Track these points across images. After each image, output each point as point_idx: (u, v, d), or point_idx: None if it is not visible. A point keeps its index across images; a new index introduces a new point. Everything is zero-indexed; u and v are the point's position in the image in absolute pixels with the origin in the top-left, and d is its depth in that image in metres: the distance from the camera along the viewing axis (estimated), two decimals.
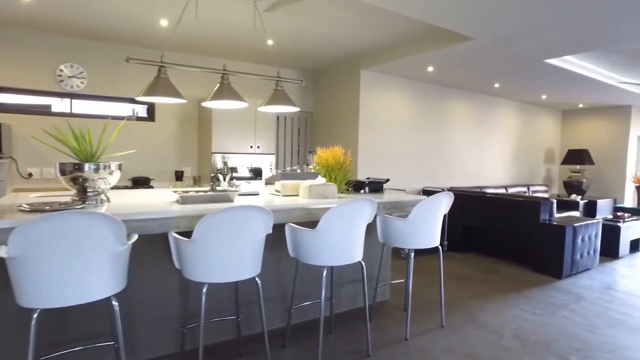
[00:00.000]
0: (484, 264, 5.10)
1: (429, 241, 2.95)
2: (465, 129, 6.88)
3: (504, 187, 7.02)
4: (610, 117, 8.20)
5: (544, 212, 4.76)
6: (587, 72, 5.42)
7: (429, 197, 2.85)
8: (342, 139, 5.79)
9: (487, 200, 5.40)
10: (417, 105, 6.16)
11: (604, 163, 8.23)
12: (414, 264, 4.90)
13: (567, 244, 4.51)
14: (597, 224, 4.95)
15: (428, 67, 5.21)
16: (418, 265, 5.00)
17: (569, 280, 4.50)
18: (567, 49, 4.26)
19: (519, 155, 7.97)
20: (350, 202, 2.39)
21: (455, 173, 6.74)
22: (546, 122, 8.59)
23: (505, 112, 7.58)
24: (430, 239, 2.95)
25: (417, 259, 5.25)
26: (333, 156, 3.45)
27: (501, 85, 6.28)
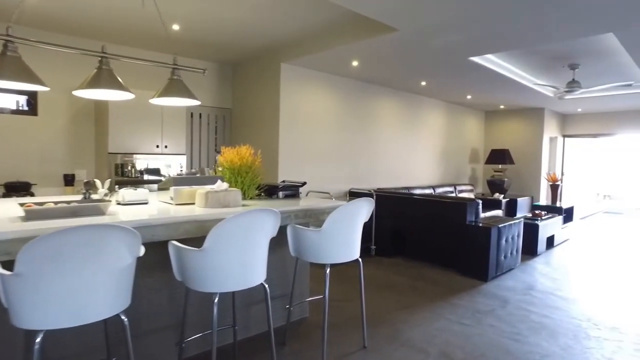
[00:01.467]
0: (412, 269, 4.90)
1: (347, 254, 2.59)
2: (393, 128, 6.72)
3: (432, 187, 6.97)
4: (527, 119, 8.52)
5: (470, 213, 4.65)
6: (507, 73, 5.44)
7: (345, 205, 2.49)
8: (263, 138, 5.33)
9: (414, 201, 5.23)
10: (344, 103, 5.87)
11: (523, 162, 8.55)
12: (336, 273, 4.63)
13: (492, 245, 4.42)
14: (519, 224, 4.94)
15: (352, 62, 4.92)
16: (343, 274, 4.67)
17: (494, 283, 4.41)
18: (489, 45, 4.15)
19: (446, 155, 8.01)
20: (244, 215, 1.94)
21: (383, 174, 6.56)
22: (471, 122, 8.76)
23: (432, 112, 7.56)
24: (348, 251, 2.59)
25: (342, 267, 4.92)
26: (240, 156, 2.99)
27: (428, 84, 6.18)
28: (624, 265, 5.32)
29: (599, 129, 8.82)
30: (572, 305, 3.81)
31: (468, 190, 7.86)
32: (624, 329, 3.32)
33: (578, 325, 3.34)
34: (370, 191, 5.58)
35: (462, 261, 4.65)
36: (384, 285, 4.31)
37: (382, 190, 5.91)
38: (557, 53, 4.86)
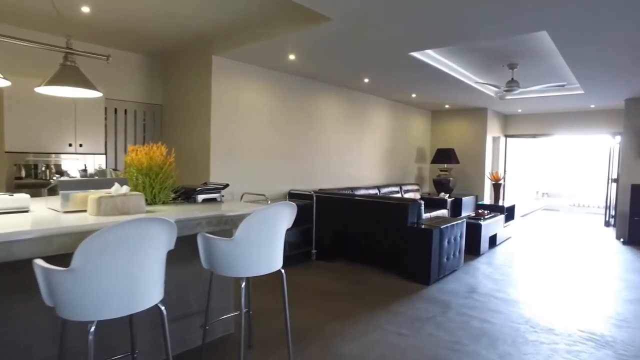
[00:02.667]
0: (354, 274, 4.68)
1: (266, 265, 2.29)
2: (337, 127, 6.49)
3: (377, 188, 6.81)
4: (471, 119, 8.61)
5: (412, 214, 4.49)
6: (449, 70, 5.36)
7: (259, 210, 2.18)
8: (195, 136, 4.92)
9: (356, 203, 5.01)
10: (284, 100, 5.56)
11: (468, 162, 8.62)
12: (272, 280, 4.21)
13: (434, 248, 4.27)
14: (461, 224, 4.85)
15: (289, 55, 4.62)
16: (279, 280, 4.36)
17: (436, 286, 4.26)
18: (427, 40, 4.00)
19: (392, 155, 7.90)
20: (125, 225, 1.58)
21: (327, 174, 6.31)
22: (417, 121, 8.73)
23: (377, 110, 7.42)
24: (267, 262, 2.28)
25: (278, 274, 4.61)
26: (149, 156, 2.60)
27: (371, 81, 6.00)
28: (559, 261, 5.39)
29: (538, 129, 9.08)
30: (512, 307, 3.72)
31: (414, 190, 7.79)
32: (558, 329, 3.25)
33: (517, 330, 3.23)
34: (310, 192, 5.30)
35: (405, 265, 4.48)
36: (322, 292, 4.04)
37: (324, 191, 5.66)
38: (497, 52, 4.81)
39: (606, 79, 5.44)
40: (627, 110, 7.08)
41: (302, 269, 4.87)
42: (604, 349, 2.96)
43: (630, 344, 3.04)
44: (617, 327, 3.35)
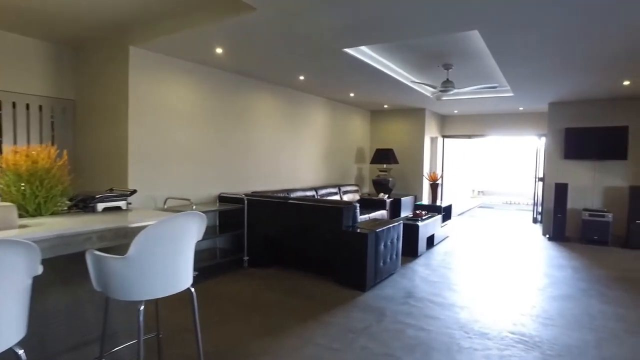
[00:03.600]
0: (287, 282, 4.43)
1: (170, 285, 1.97)
2: (272, 126, 6.21)
3: (314, 189, 6.62)
4: (409, 119, 8.68)
5: (347, 218, 4.32)
6: (385, 69, 5.26)
7: (158, 222, 1.86)
8: (112, 136, 4.42)
9: (290, 206, 4.77)
10: (213, 97, 5.19)
11: (407, 162, 8.68)
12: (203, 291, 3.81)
13: (369, 252, 4.12)
14: (398, 226, 4.76)
15: (216, 49, 4.28)
16: (210, 291, 4.02)
17: (373, 292, 4.12)
18: (359, 36, 3.83)
19: (331, 155, 7.74)
20: None
21: (261, 175, 6.00)
22: (357, 121, 8.65)
23: (315, 110, 7.22)
24: (171, 281, 1.96)
25: (209, 284, 4.27)
26: (31, 159, 2.18)
27: (307, 79, 5.78)
28: (491, 259, 5.49)
29: (473, 130, 9.35)
30: (447, 311, 3.65)
31: (353, 191, 7.70)
32: (491, 333, 3.21)
33: (452, 337, 3.14)
34: (241, 195, 4.99)
35: (340, 270, 4.30)
36: (251, 304, 3.75)
37: (257, 193, 5.36)
38: (432, 52, 4.77)
39: (533, 81, 5.61)
40: (550, 114, 7.43)
41: (232, 277, 4.55)
42: (532, 350, 2.94)
43: (554, 343, 3.06)
44: (544, 326, 3.37)
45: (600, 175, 7.10)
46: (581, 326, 3.38)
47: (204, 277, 4.49)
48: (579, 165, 7.23)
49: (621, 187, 6.94)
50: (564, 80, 5.52)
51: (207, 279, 4.46)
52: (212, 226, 5.17)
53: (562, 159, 7.32)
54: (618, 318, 3.58)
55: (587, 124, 7.09)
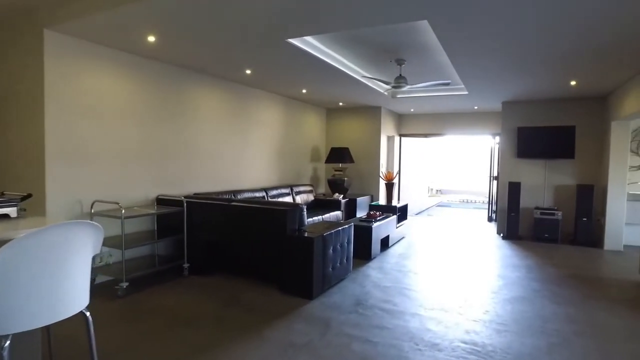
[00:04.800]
0: (229, 290, 4.07)
1: (52, 311, 1.59)
2: (218, 123, 5.80)
3: (264, 190, 6.27)
4: (365, 117, 8.49)
5: (292, 221, 4.01)
6: (335, 63, 5.00)
7: (25, 236, 1.48)
8: (25, 132, 3.90)
9: (232, 209, 4.40)
10: (150, 91, 4.73)
11: (363, 161, 8.48)
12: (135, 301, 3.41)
13: (316, 258, 3.83)
14: (349, 229, 4.50)
15: (147, 36, 3.85)
16: (141, 303, 3.60)
17: (320, 300, 3.83)
18: (302, 24, 3.53)
19: (284, 154, 7.41)
20: None
21: (205, 176, 5.58)
22: (312, 119, 8.36)
23: (267, 107, 6.87)
24: (53, 307, 1.58)
25: (148, 292, 3.85)
26: None
27: (254, 73, 5.42)
28: (445, 260, 5.35)
29: (429, 129, 9.29)
30: (397, 320, 3.42)
31: (307, 191, 7.40)
32: (442, 343, 2.99)
33: (400, 349, 2.89)
34: (180, 198, 4.58)
35: (285, 278, 3.98)
36: (184, 318, 3.37)
37: (199, 195, 4.96)
38: (384, 46, 4.55)
39: (485, 78, 5.53)
40: (503, 113, 7.45)
41: (170, 287, 4.14)
42: None
43: (508, 352, 2.88)
44: (497, 332, 3.20)
45: (551, 174, 7.17)
46: (534, 331, 3.24)
47: (138, 287, 4.06)
48: (531, 164, 7.28)
49: (569, 186, 7.03)
50: (516, 79, 5.46)
51: (140, 289, 4.03)
52: (150, 231, 4.73)
53: (515, 157, 7.34)
54: (569, 319, 3.49)
55: (538, 124, 7.15)
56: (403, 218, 7.14)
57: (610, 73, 5.08)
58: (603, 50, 4.08)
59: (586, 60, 4.51)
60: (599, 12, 3.09)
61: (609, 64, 4.66)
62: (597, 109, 6.83)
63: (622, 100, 5.74)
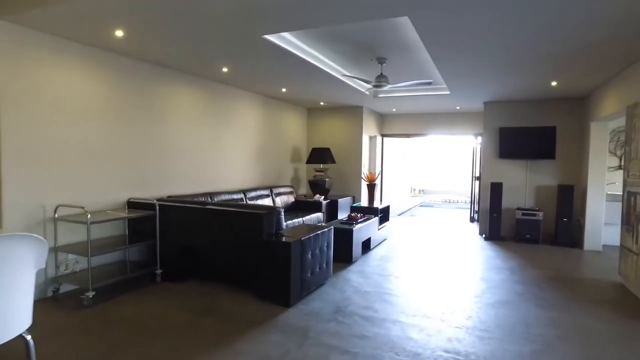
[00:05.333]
0: (204, 298, 3.88)
1: None
2: (194, 123, 5.59)
3: (243, 192, 6.08)
4: (347, 117, 8.36)
5: (268, 225, 3.85)
6: (315, 61, 4.85)
7: None
8: None
9: (207, 212, 4.21)
10: (119, 88, 4.50)
11: (345, 162, 8.36)
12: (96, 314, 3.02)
13: (294, 263, 3.68)
14: (328, 232, 4.35)
15: (114, 31, 3.63)
16: (109, 313, 3.38)
17: (298, 308, 3.68)
18: (278, 20, 3.37)
19: (264, 155, 7.22)
20: None
21: (180, 177, 5.36)
22: (292, 119, 8.19)
23: (245, 106, 6.67)
24: None
25: (117, 301, 3.63)
26: None
27: (231, 71, 5.23)
28: (427, 262, 5.26)
29: (412, 129, 9.22)
30: (378, 328, 3.28)
31: (288, 193, 7.23)
32: (424, 352, 2.87)
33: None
34: (152, 201, 4.36)
35: (262, 284, 3.82)
36: (153, 329, 3.17)
37: (173, 198, 4.75)
38: (365, 44, 4.43)
39: (467, 77, 5.46)
40: (485, 113, 7.42)
41: (140, 295, 3.93)
42: None
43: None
44: (480, 339, 3.10)
45: (532, 174, 7.17)
46: (517, 337, 3.15)
47: (106, 296, 3.84)
48: (513, 164, 7.26)
49: (550, 186, 7.04)
50: (498, 79, 5.41)
51: (108, 298, 3.81)
52: (121, 236, 4.50)
53: (497, 158, 7.32)
54: (552, 323, 3.41)
55: (519, 124, 7.14)
56: (385, 219, 7.04)
57: (589, 74, 5.06)
58: (583, 51, 4.03)
59: (567, 61, 4.47)
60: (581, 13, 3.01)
61: (589, 65, 4.63)
62: (577, 110, 6.85)
63: (600, 101, 5.75)
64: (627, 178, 4.53)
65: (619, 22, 3.26)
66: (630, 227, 4.38)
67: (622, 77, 4.89)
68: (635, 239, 4.24)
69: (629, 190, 4.45)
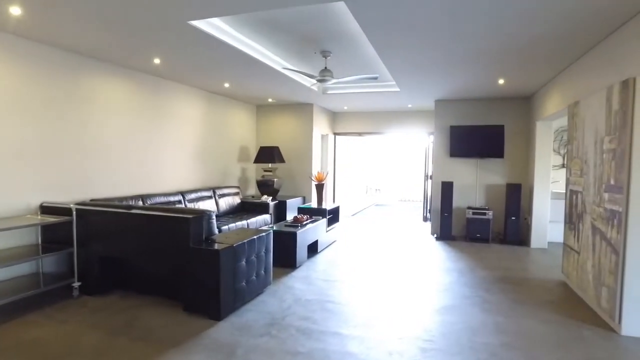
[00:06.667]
0: (126, 313, 3.46)
1: None
2: (126, 119, 5.09)
3: (182, 194, 5.64)
4: (297, 115, 8.07)
5: (197, 230, 3.48)
6: (253, 52, 4.51)
7: None
8: None
9: (132, 217, 3.78)
10: (29, 78, 3.96)
11: (295, 161, 8.06)
12: None
13: (224, 272, 3.33)
14: (266, 237, 4.03)
15: (9, 7, 3.13)
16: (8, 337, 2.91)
17: (229, 321, 3.34)
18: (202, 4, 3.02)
19: (208, 154, 6.78)
20: None
21: (108, 178, 4.85)
22: (240, 116, 7.80)
23: (187, 102, 6.22)
24: None
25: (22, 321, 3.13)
26: None
27: (164, 63, 4.80)
28: (377, 265, 5.05)
29: (364, 127, 9.04)
30: (315, 343, 3.00)
31: (233, 194, 6.83)
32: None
33: None
34: (68, 206, 3.88)
35: (190, 295, 3.45)
36: (57, 356, 2.73)
37: (96, 201, 4.27)
38: (306, 35, 4.15)
39: (414, 73, 5.30)
40: (436, 111, 7.35)
41: (51, 313, 3.45)
42: None
43: None
44: (422, 351, 2.89)
45: (482, 173, 7.16)
46: (462, 347, 2.97)
47: (10, 315, 3.35)
48: (464, 163, 7.23)
49: (500, 185, 7.06)
50: (446, 75, 5.28)
51: (12, 318, 3.32)
52: (33, 245, 3.98)
53: (448, 157, 7.26)
54: (498, 329, 3.27)
55: (470, 123, 7.11)
56: (335, 220, 6.80)
57: (534, 72, 5.03)
58: (528, 48, 3.94)
59: (513, 58, 4.38)
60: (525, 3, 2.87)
61: (533, 64, 4.57)
62: (523, 109, 6.90)
63: (545, 100, 5.78)
64: (569, 177, 4.51)
65: (562, 17, 3.15)
66: (572, 225, 4.35)
67: (564, 76, 4.88)
68: (576, 238, 4.21)
69: (571, 188, 4.43)
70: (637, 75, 3.08)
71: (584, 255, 4.00)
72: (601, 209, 3.60)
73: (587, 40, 3.76)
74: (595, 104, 3.79)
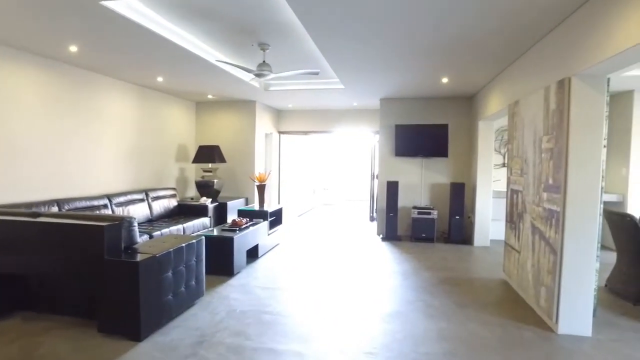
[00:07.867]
0: (23, 339, 2.98)
1: None
2: (38, 114, 4.51)
3: (108, 197, 5.12)
4: (239, 112, 7.69)
5: (114, 240, 3.07)
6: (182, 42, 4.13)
7: None
8: None
9: (39, 227, 3.28)
10: None
11: (237, 160, 7.68)
12: None
13: (144, 286, 2.95)
14: (196, 244, 3.67)
15: None
16: None
17: (151, 341, 2.97)
18: None
19: (140, 153, 6.25)
20: None
21: (18, 181, 4.23)
22: (177, 113, 7.30)
23: (114, 97, 5.67)
24: None
25: None
26: None
27: (82, 51, 4.29)
28: (321, 270, 4.83)
29: (310, 126, 8.82)
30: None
31: (169, 196, 6.34)
32: None
33: None
34: None
35: (106, 314, 3.03)
36: None
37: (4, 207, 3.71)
38: (242, 25, 3.83)
39: (358, 69, 5.14)
40: (381, 110, 7.27)
41: None
42: None
43: None
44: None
45: (427, 172, 7.17)
46: (405, 358, 2.79)
47: None
48: (409, 162, 7.20)
49: (444, 184, 7.10)
50: (389, 72, 5.17)
51: None
52: None
53: (393, 156, 7.20)
54: (441, 337, 3.14)
55: (414, 122, 7.09)
56: (278, 223, 6.52)
57: (476, 71, 5.03)
58: (470, 45, 3.88)
59: (455, 56, 4.32)
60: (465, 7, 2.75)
61: (475, 62, 4.55)
62: (466, 109, 6.98)
63: (486, 100, 5.83)
64: (509, 176, 4.53)
65: (503, 14, 3.07)
66: (513, 224, 4.36)
67: (504, 76, 4.92)
68: (517, 237, 4.22)
69: (511, 188, 4.45)
70: (572, 76, 3.07)
71: (524, 254, 4.00)
72: (540, 208, 3.59)
73: (528, 39, 3.74)
74: (534, 104, 3.78)
